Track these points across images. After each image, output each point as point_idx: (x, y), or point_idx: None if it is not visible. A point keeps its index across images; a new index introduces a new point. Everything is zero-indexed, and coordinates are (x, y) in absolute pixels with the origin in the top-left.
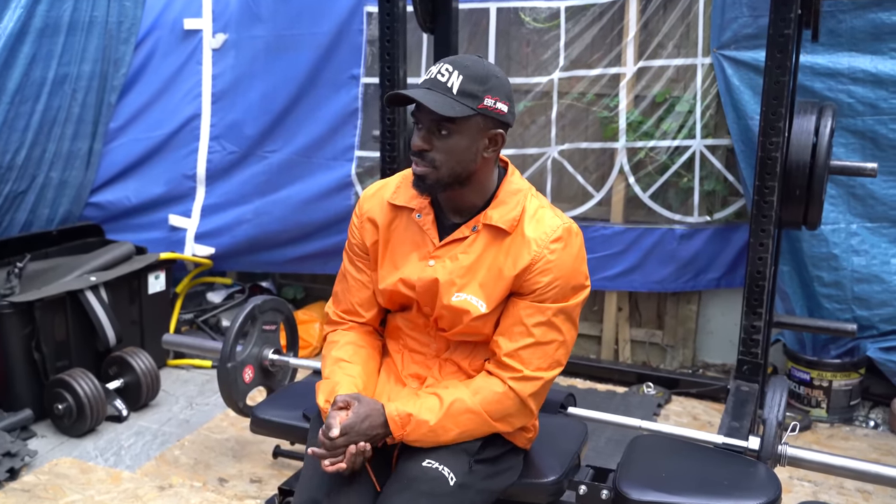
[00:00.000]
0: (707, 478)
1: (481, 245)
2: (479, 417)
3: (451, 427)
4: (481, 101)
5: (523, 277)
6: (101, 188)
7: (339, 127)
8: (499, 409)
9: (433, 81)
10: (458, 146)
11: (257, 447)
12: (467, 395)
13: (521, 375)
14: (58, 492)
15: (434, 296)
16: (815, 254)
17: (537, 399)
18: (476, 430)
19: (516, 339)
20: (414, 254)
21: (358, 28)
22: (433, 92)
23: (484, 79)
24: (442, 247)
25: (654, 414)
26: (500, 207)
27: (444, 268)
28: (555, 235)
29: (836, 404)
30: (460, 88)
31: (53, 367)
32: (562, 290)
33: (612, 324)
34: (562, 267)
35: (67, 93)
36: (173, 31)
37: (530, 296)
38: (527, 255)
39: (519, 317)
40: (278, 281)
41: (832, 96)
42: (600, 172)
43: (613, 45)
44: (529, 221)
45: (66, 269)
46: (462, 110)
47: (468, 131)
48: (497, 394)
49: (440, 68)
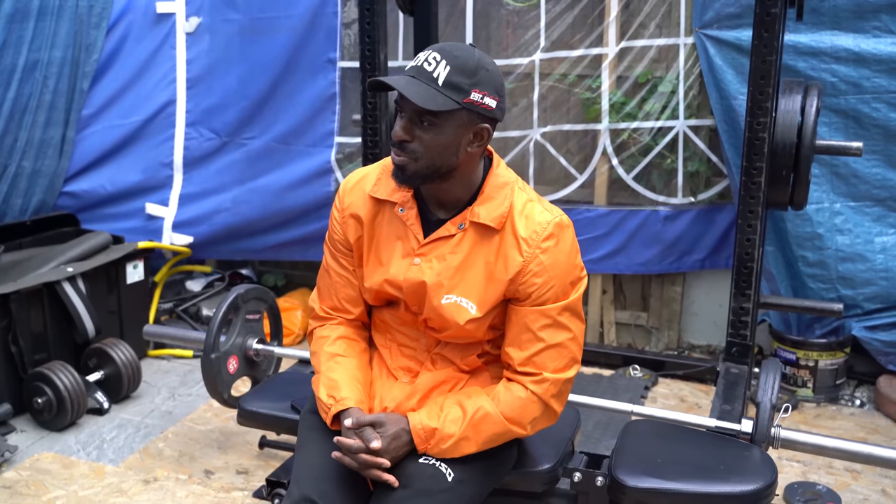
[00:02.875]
0: (702, 462)
1: (469, 244)
2: (502, 426)
3: (474, 437)
4: (467, 95)
5: (518, 281)
6: (76, 177)
7: (317, 112)
8: (523, 415)
9: (419, 70)
10: (439, 140)
11: (242, 438)
12: (490, 405)
13: (540, 378)
14: (40, 487)
15: (422, 297)
16: (799, 234)
17: (560, 399)
18: (499, 438)
19: (526, 346)
20: (398, 250)
21: (332, 10)
22: (417, 81)
23: (472, 71)
24: (427, 244)
25: (642, 397)
26: (486, 203)
27: (432, 269)
28: (546, 233)
29: (822, 384)
30: (446, 80)
31: (31, 360)
32: (560, 288)
33: (596, 307)
34: (556, 265)
35: (38, 79)
36: (146, 15)
37: (529, 300)
38: (518, 257)
39: (524, 324)
40: (258, 268)
41: (815, 75)
42: (583, 154)
43: (595, 25)
44: (518, 218)
45: (41, 259)
46: (445, 103)
47: (451, 125)
48: (520, 399)
49: (427, 56)
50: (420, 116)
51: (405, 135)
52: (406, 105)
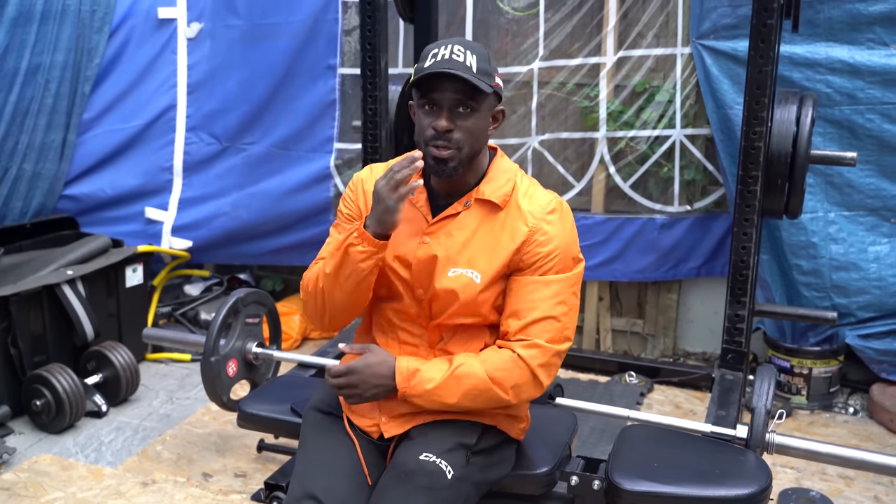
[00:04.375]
0: (698, 467)
1: (476, 220)
2: (485, 384)
3: (455, 389)
4: (493, 80)
5: (523, 250)
6: (76, 180)
7: (317, 118)
8: (507, 377)
9: (451, 62)
10: (477, 124)
11: (240, 441)
12: (476, 361)
13: (530, 343)
14: (38, 489)
15: (430, 275)
16: (793, 242)
17: (547, 371)
18: (480, 396)
19: (524, 315)
20: (408, 231)
21: (333, 17)
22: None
23: (488, 58)
24: (435, 223)
25: (637, 403)
26: (490, 183)
27: (440, 244)
28: (550, 208)
29: (816, 391)
30: (478, 67)
31: (30, 362)
32: (563, 260)
33: (593, 313)
34: (561, 236)
35: (40, 83)
36: (147, 20)
37: (531, 268)
38: (524, 227)
39: (524, 294)
40: (256, 273)
41: (810, 86)
42: (581, 162)
43: (593, 34)
44: (522, 197)
45: (41, 262)
46: (486, 87)
47: (485, 109)
48: (506, 361)
49: (452, 49)
50: (459, 104)
51: (449, 124)
52: (444, 96)
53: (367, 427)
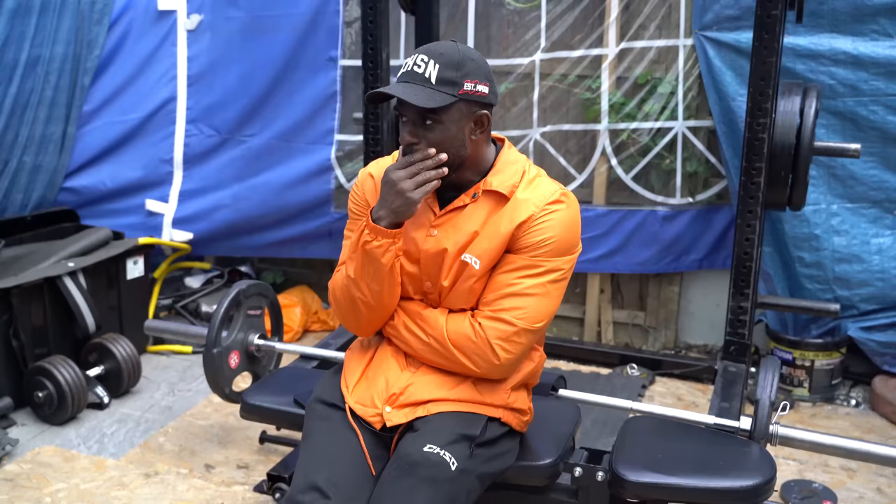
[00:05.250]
0: (702, 458)
1: (483, 212)
2: (441, 338)
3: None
4: (461, 87)
5: (522, 229)
6: (76, 173)
7: (318, 110)
8: (463, 343)
9: (411, 74)
10: (445, 135)
11: (243, 433)
12: (441, 317)
13: (490, 314)
14: (41, 480)
15: (439, 267)
16: (796, 234)
17: (505, 350)
18: (438, 351)
19: (499, 289)
20: (414, 223)
21: (334, 9)
22: (412, 85)
23: (459, 64)
24: (442, 215)
25: (639, 395)
26: (498, 175)
27: (448, 237)
28: (553, 198)
29: (818, 384)
30: (438, 77)
31: (32, 354)
32: (555, 249)
33: (594, 306)
34: (561, 225)
35: (40, 75)
36: (147, 12)
37: (522, 250)
38: (524, 213)
39: (508, 270)
40: (257, 265)
41: (814, 78)
42: (582, 154)
43: (595, 26)
44: (528, 186)
45: (42, 254)
46: (443, 99)
47: (452, 118)
48: (465, 326)
49: (415, 59)
50: (422, 117)
51: (412, 138)
52: (407, 109)
53: (370, 417)
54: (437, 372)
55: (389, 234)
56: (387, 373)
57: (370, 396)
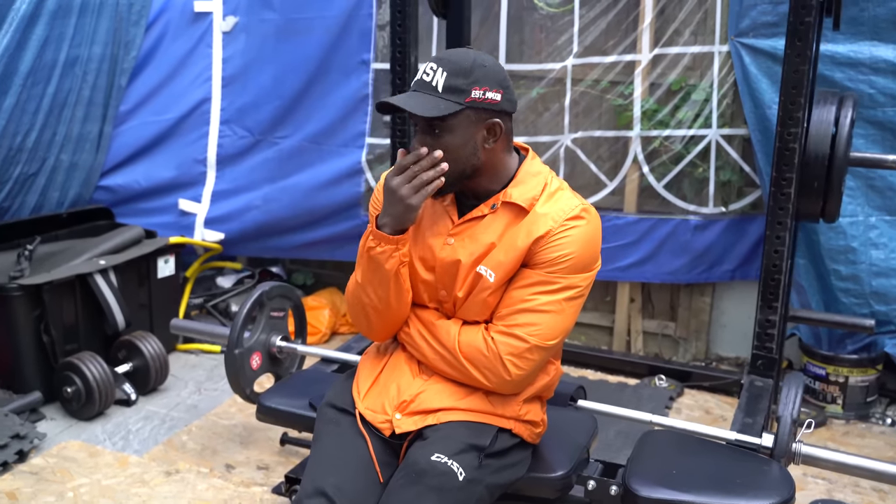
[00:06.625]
0: (718, 475)
1: (501, 224)
2: (453, 347)
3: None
4: (468, 95)
5: (535, 249)
6: (112, 171)
7: (349, 113)
8: (472, 354)
9: (419, 83)
10: (452, 143)
11: (265, 434)
12: (454, 327)
13: (503, 329)
14: (65, 475)
15: (454, 277)
16: (832, 247)
17: (517, 364)
18: (448, 358)
19: (514, 304)
20: (432, 230)
21: (367, 12)
22: (418, 94)
23: (468, 71)
24: (460, 224)
25: (666, 407)
26: (519, 186)
27: (464, 248)
28: (572, 213)
29: (852, 401)
30: (445, 85)
31: (62, 350)
32: (572, 266)
33: (624, 315)
34: (579, 241)
35: (78, 75)
36: (184, 14)
37: (539, 265)
38: (543, 227)
39: (523, 285)
40: (288, 266)
41: (853, 86)
42: (614, 161)
43: (629, 31)
44: (549, 200)
45: (75, 252)
46: (448, 107)
47: (460, 127)
48: (478, 339)
49: (425, 67)
50: (430, 126)
51: (422, 146)
52: (416, 118)
53: (380, 424)
54: (449, 381)
55: (392, 241)
56: (399, 379)
57: (381, 403)
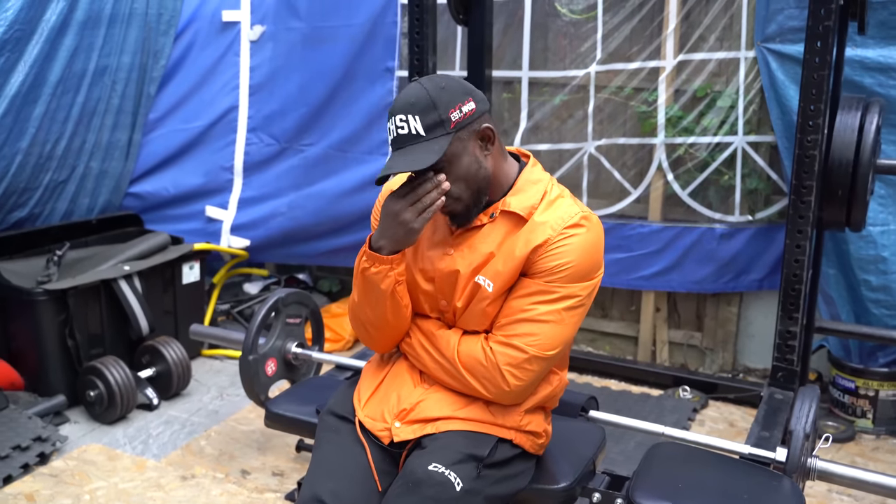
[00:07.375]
0: (725, 490)
1: (500, 233)
2: (452, 357)
3: (429, 346)
4: (451, 121)
5: (538, 252)
6: (140, 178)
7: (374, 120)
8: (471, 364)
9: (400, 139)
10: (460, 170)
11: (282, 440)
12: (455, 336)
13: (503, 340)
14: (83, 478)
15: (453, 287)
16: (862, 256)
17: (516, 375)
18: (448, 367)
19: (513, 313)
20: (431, 241)
21: (392, 20)
22: (407, 149)
23: (434, 101)
24: (459, 234)
25: (689, 419)
26: (518, 195)
27: (463, 258)
28: (571, 221)
29: (883, 415)
30: (425, 126)
31: (87, 354)
32: (571, 275)
33: (649, 324)
34: (578, 250)
35: (107, 84)
36: (212, 23)
37: (538, 275)
38: (541, 236)
39: (522, 294)
40: (315, 273)
41: (882, 92)
42: (638, 169)
43: (653, 37)
44: (548, 208)
45: (102, 257)
46: (442, 144)
47: (458, 152)
48: (477, 350)
49: (395, 122)
50: (433, 169)
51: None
52: (418, 172)
53: (379, 432)
54: (449, 390)
55: (386, 261)
56: (400, 388)
57: (381, 411)
